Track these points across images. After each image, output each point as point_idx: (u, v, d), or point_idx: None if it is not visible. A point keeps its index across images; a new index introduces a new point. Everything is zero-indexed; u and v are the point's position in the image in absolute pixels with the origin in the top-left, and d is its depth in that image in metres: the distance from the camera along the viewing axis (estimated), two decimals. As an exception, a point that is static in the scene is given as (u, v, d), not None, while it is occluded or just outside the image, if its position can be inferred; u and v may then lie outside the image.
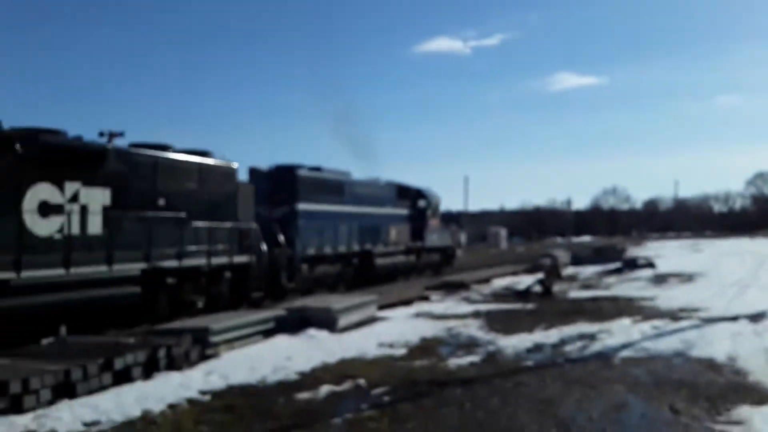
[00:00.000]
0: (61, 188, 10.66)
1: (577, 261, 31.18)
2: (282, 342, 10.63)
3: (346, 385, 7.81)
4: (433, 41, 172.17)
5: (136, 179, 12.19)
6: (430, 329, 11.79)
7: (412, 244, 25.57)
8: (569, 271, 27.38)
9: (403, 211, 25.59)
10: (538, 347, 9.93)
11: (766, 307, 13.25)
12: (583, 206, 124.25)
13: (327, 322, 11.81)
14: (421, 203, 26.82)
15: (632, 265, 26.54)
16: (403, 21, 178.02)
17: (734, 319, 11.84)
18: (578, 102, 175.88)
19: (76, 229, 10.78)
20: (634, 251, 41.09)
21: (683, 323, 11.59)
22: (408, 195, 26.38)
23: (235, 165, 15.26)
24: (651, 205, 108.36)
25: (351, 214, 21.30)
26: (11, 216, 9.75)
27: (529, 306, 15.14)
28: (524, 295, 17.59)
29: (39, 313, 9.97)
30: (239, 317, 10.92)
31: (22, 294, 9.72)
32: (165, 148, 13.35)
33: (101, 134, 12.02)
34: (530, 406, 6.71)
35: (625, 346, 9.67)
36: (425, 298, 17.11)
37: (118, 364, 7.92)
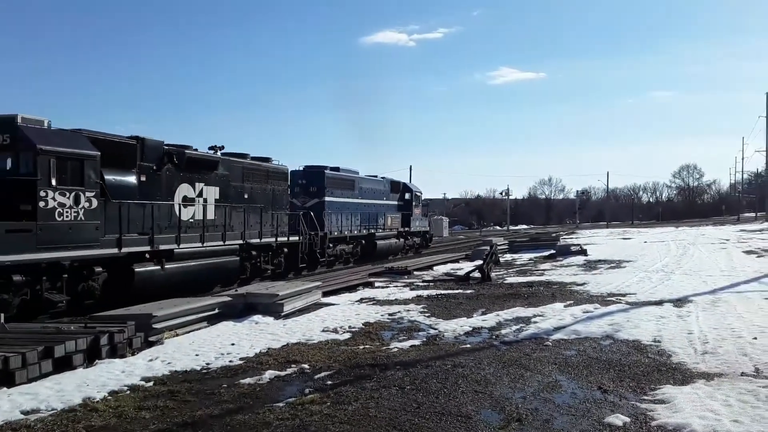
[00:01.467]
0: (193, 187, 16.10)
1: (514, 248, 31.76)
2: (227, 328, 10.47)
3: (291, 370, 7.74)
4: (380, 33, 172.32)
5: (232, 180, 17.71)
6: (374, 314, 11.80)
7: (401, 229, 31.99)
8: (507, 257, 27.87)
9: (395, 202, 31.84)
10: (476, 330, 10.05)
11: (689, 291, 13.78)
12: (521, 196, 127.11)
13: (272, 308, 11.71)
14: (407, 195, 33.19)
15: (565, 252, 27.18)
16: (352, 13, 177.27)
17: (659, 303, 12.24)
18: (519, 95, 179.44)
19: (199, 216, 16.07)
20: (567, 239, 42.08)
21: (612, 307, 11.91)
22: (398, 189, 32.55)
23: (286, 168, 21.35)
24: (584, 195, 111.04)
25: (359, 204, 27.37)
26: (163, 207, 14.78)
27: (469, 291, 15.31)
28: (464, 280, 17.79)
29: (189, 272, 15.06)
30: (183, 304, 10.69)
31: (179, 259, 14.79)
32: (244, 156, 18.92)
33: (211, 147, 17.58)
34: (467, 386, 6.78)
35: (557, 329, 9.88)
36: (370, 284, 17.12)
37: (59, 351, 7.65)
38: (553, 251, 27.89)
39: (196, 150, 16.38)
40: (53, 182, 11.67)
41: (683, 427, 5.40)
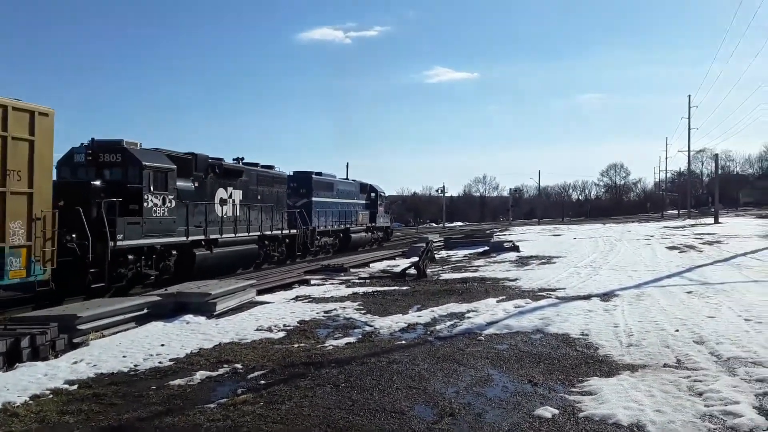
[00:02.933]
0: (226, 190, 20.98)
1: (449, 245, 32.14)
2: (156, 329, 10.18)
3: (223, 370, 7.59)
4: (316, 30, 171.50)
5: (250, 185, 22.62)
6: (309, 312, 11.72)
7: (369, 224, 37.78)
8: (442, 254, 28.16)
9: (363, 201, 37.38)
10: (411, 327, 10.09)
11: (616, 286, 14.24)
12: (457, 193, 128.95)
13: (204, 307, 11.46)
14: (373, 195, 39.07)
15: (499, 248, 27.67)
16: (288, 9, 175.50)
17: (587, 297, 12.60)
18: (453, 94, 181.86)
19: (230, 213, 21.08)
20: (501, 236, 42.85)
21: (542, 302, 12.18)
22: (365, 189, 38.33)
23: (285, 173, 27.09)
24: (517, 193, 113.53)
25: (337, 203, 32.76)
26: (210, 206, 19.74)
27: (405, 288, 15.38)
28: (400, 277, 17.87)
29: (227, 257, 20.14)
30: (110, 304, 10.34)
31: (221, 246, 19.76)
32: (256, 164, 23.99)
33: (234, 159, 22.85)
34: (402, 382, 6.81)
35: (490, 324, 10.03)
36: (305, 282, 16.99)
37: (-25, 355, 7.26)
38: (487, 248, 28.34)
39: (227, 162, 21.77)
40: (151, 188, 16.62)
41: (609, 418, 5.57)
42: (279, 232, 24.84)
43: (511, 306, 11.76)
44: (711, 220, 52.89)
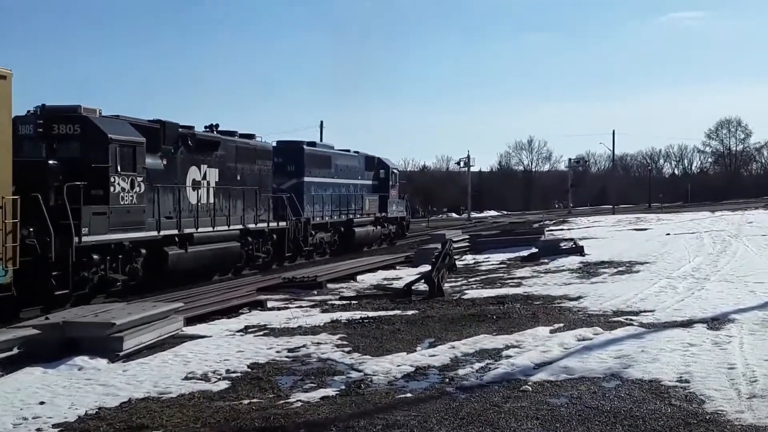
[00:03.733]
0: (200, 169, 23.34)
1: (478, 246, 32.22)
2: (32, 378, 10.16)
3: (134, 441, 7.59)
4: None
5: (227, 161, 24.89)
6: (266, 351, 11.72)
7: (379, 214, 39.57)
8: (467, 259, 28.21)
9: (370, 182, 39.48)
10: (420, 372, 10.09)
11: (731, 307, 14.26)
12: (488, 167, 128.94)
13: (106, 344, 11.44)
14: (382, 173, 41.02)
15: (553, 250, 27.69)
16: None
17: (688, 324, 12.62)
18: (485, 21, 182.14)
19: (205, 200, 23.54)
20: (555, 231, 42.91)
21: (620, 332, 12.18)
22: (372, 165, 40.08)
23: (270, 145, 29.19)
24: (580, 166, 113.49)
25: (335, 184, 34.60)
26: (181, 191, 22.00)
27: (410, 312, 15.37)
28: (403, 296, 17.85)
29: (203, 257, 22.39)
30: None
31: (197, 243, 21.98)
32: (233, 133, 25.93)
33: (206, 127, 24.63)
34: (407, 458, 6.82)
35: (540, 366, 10.04)
36: (259, 304, 17.01)
37: None
38: (535, 250, 28.37)
39: (200, 132, 23.90)
40: (118, 168, 18.54)
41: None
42: (265, 225, 27.20)
43: (571, 338, 11.76)
44: None
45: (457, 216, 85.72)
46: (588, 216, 68.80)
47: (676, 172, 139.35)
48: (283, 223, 28.50)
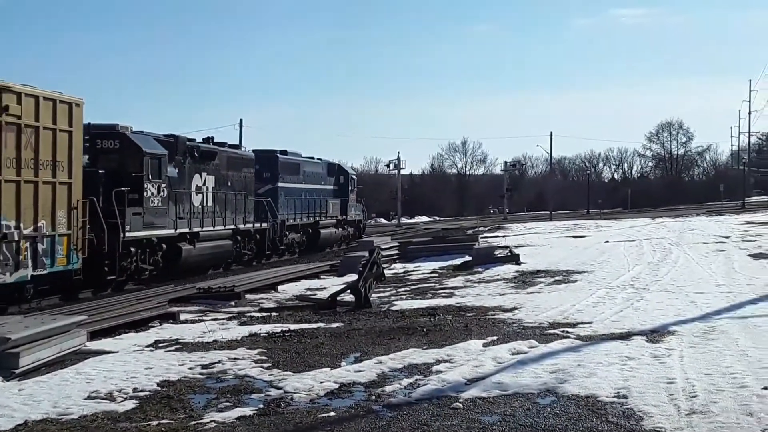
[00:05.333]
0: (201, 176, 28.80)
1: (409, 254, 32.30)
2: None
3: (31, 466, 7.43)
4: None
5: (221, 169, 29.94)
6: (177, 367, 11.59)
7: (340, 217, 45.45)
8: (397, 268, 28.25)
9: (332, 187, 44.91)
10: (345, 389, 10.08)
11: (671, 318, 14.49)
12: (420, 170, 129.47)
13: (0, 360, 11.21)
14: (342, 179, 46.45)
15: (488, 258, 27.92)
16: None
17: (626, 336, 12.79)
18: (416, 11, 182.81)
19: (206, 203, 28.86)
20: (490, 238, 43.25)
21: (556, 344, 12.30)
22: (333, 171, 45.77)
23: (252, 154, 34.75)
24: (516, 169, 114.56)
25: (304, 189, 40.18)
26: (188, 195, 27.95)
27: (335, 325, 15.38)
28: (328, 307, 17.83)
29: (206, 253, 28.39)
30: None
31: (202, 240, 27.95)
32: (223, 144, 31.44)
33: (204, 139, 30.37)
34: (329, 482, 6.79)
35: (472, 382, 10.09)
36: (171, 317, 16.83)
37: None
38: (468, 258, 28.58)
39: (202, 144, 29.76)
40: (150, 176, 24.26)
41: None
42: (251, 225, 32.97)
43: (505, 352, 11.84)
44: (818, 211, 54.45)
45: (387, 222, 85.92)
46: (524, 222, 69.49)
47: (616, 176, 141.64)
48: (264, 225, 34.22)
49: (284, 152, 39.13)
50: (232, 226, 30.92)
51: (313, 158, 43.61)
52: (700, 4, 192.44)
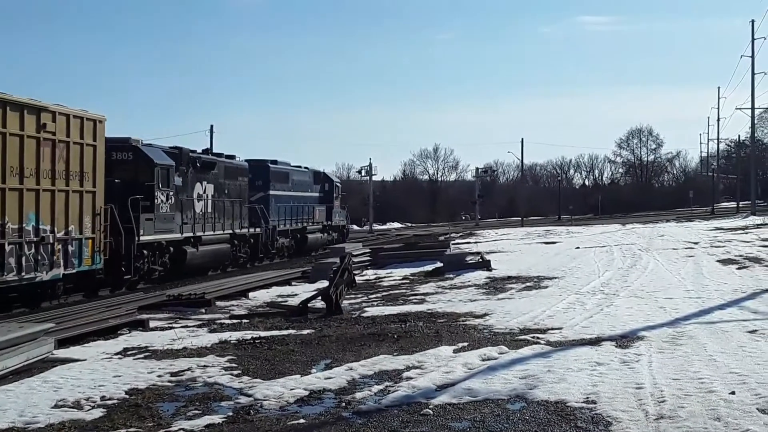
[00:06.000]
0: (202, 185, 31.57)
1: (380, 260, 32.35)
2: None
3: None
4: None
5: (219, 177, 32.66)
6: (146, 375, 11.53)
7: (325, 222, 48.31)
8: (368, 275, 28.25)
9: (318, 194, 47.79)
10: (315, 396, 10.06)
11: (640, 324, 14.57)
12: (391, 176, 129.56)
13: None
14: (327, 186, 49.54)
15: (459, 264, 27.96)
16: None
17: (596, 342, 12.86)
18: (385, 18, 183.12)
19: (206, 209, 31.78)
20: (462, 244, 43.31)
21: (526, 350, 12.34)
22: (319, 179, 48.72)
23: (246, 164, 37.13)
24: (488, 176, 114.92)
25: (293, 197, 42.79)
26: (191, 202, 30.59)
27: (306, 331, 15.35)
28: (299, 314, 17.82)
29: (207, 255, 31.12)
30: None
31: (204, 243, 30.85)
32: (220, 155, 34.42)
33: (203, 150, 34.07)
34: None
35: (442, 388, 10.10)
36: (140, 324, 16.72)
37: None
38: (439, 264, 28.59)
39: (204, 155, 32.63)
40: (159, 185, 26.97)
41: None
42: (246, 230, 35.89)
43: (476, 358, 11.87)
44: (786, 217, 55.00)
45: (359, 228, 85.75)
46: (496, 228, 69.63)
47: (587, 183, 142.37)
48: (258, 230, 37.00)
49: (275, 162, 41.64)
50: (230, 231, 33.68)
51: (300, 167, 46.12)
52: (664, 13, 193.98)
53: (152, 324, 17.03)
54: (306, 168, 47.33)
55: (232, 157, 35.75)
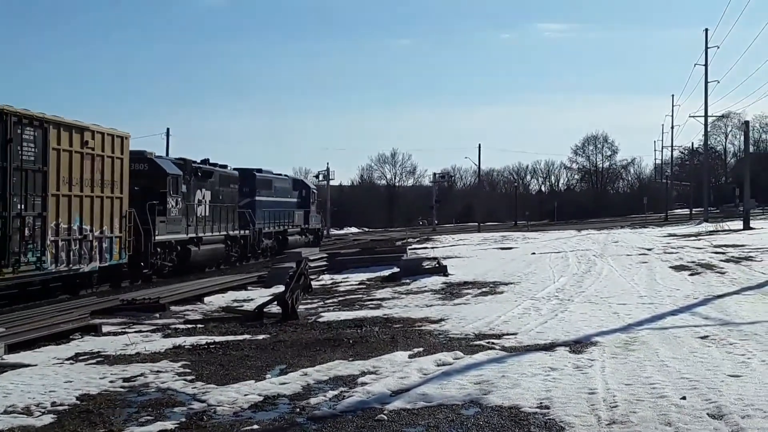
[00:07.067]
0: (201, 192, 36.06)
1: (336, 265, 32.29)
2: None
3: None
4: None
5: (215, 185, 37.63)
6: (98, 381, 11.42)
7: (304, 226, 53.34)
8: (325, 279, 28.22)
9: (296, 200, 52.33)
10: (269, 401, 10.02)
11: (593, 329, 14.67)
12: (349, 181, 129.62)
13: None
14: (304, 193, 54.02)
15: (415, 270, 28.01)
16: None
17: (550, 347, 12.93)
18: (339, 22, 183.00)
19: (204, 213, 36.17)
20: (419, 249, 43.44)
21: (481, 356, 12.37)
22: (298, 186, 53.77)
23: (236, 173, 41.56)
24: (445, 181, 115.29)
25: (275, 202, 46.98)
26: (192, 207, 34.96)
27: (261, 337, 15.30)
28: (254, 319, 17.74)
29: (206, 253, 36.06)
30: None
31: (205, 243, 35.84)
32: (215, 164, 38.57)
33: (202, 160, 37.37)
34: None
35: (397, 394, 10.10)
36: (92, 329, 16.55)
37: None
38: (396, 269, 28.63)
39: (204, 166, 36.57)
40: (171, 192, 31.63)
41: None
42: (237, 232, 40.33)
43: (431, 363, 11.88)
44: (739, 224, 55.77)
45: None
46: (453, 234, 69.93)
47: (543, 189, 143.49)
48: (246, 232, 41.47)
49: (260, 170, 45.97)
50: (224, 233, 38.23)
51: (281, 175, 51.12)
52: (620, 22, 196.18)
53: (105, 329, 16.87)
54: (286, 176, 52.57)
55: (225, 166, 39.73)
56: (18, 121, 21.86)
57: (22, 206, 22.02)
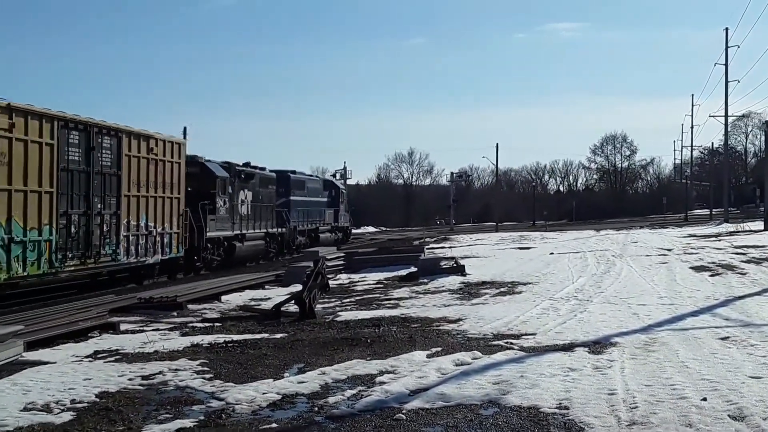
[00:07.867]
0: (244, 192, 39.55)
1: (354, 264, 32.28)
2: None
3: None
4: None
5: (255, 186, 41.07)
6: (117, 378, 11.45)
7: (333, 224, 57.25)
8: (342, 279, 28.22)
9: (326, 199, 56.10)
10: (287, 400, 10.03)
11: (613, 330, 14.64)
12: (366, 180, 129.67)
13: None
14: (334, 192, 57.87)
15: (433, 269, 28.00)
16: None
17: (569, 348, 12.91)
18: (359, 29, 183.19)
19: (247, 212, 39.88)
20: (436, 249, 43.39)
21: (499, 356, 12.36)
22: (328, 186, 57.67)
23: (274, 174, 45.28)
24: (462, 180, 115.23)
25: (308, 202, 50.72)
26: (236, 206, 38.39)
27: (279, 335, 15.32)
28: (272, 317, 17.76)
29: (249, 249, 40.10)
30: None
31: (248, 240, 39.63)
32: (255, 166, 41.98)
33: (244, 163, 40.64)
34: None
35: (415, 393, 10.10)
36: (111, 327, 16.63)
37: None
38: (414, 269, 28.66)
39: (246, 168, 39.84)
40: (219, 193, 35.34)
41: None
42: (276, 230, 43.84)
43: (449, 363, 11.88)
44: (760, 224, 55.48)
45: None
46: (470, 233, 69.85)
47: (562, 188, 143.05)
48: (283, 229, 45.06)
49: (294, 172, 49.71)
50: (264, 230, 41.81)
51: (312, 176, 57.26)
52: (638, 20, 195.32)
53: (123, 327, 16.94)
54: (317, 177, 59.17)
55: (263, 168, 43.00)
56: (99, 131, 25.49)
57: (101, 206, 25.75)
